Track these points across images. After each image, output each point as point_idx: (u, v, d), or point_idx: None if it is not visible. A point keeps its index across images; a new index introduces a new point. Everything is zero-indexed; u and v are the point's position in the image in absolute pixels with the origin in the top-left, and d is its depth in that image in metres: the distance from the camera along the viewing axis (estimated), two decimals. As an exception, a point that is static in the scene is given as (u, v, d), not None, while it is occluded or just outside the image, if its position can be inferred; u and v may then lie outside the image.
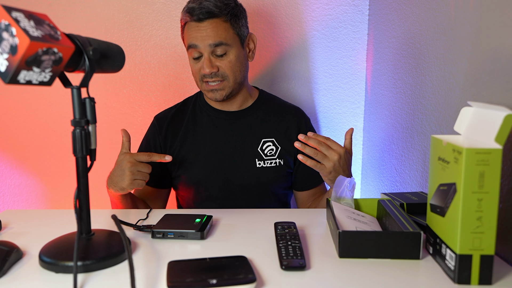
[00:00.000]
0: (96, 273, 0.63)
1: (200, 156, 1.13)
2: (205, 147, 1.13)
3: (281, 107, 1.21)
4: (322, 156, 0.92)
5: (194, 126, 1.16)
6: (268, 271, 0.64)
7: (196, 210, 1.01)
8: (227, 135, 1.14)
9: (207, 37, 1.03)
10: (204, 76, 1.06)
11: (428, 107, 1.05)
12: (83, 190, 0.68)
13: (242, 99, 1.16)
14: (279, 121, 1.17)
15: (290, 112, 1.20)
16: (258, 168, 1.12)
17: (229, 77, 1.07)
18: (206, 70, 1.04)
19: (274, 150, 1.14)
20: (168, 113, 1.19)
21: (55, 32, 0.59)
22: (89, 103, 0.66)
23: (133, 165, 0.92)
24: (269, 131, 1.15)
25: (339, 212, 0.78)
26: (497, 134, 0.57)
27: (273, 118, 1.17)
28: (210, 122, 1.16)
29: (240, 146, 1.14)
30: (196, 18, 1.03)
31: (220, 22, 1.04)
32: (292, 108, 1.22)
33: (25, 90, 1.50)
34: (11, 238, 0.76)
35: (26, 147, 1.54)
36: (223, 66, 1.06)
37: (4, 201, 1.55)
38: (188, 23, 1.05)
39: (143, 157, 0.94)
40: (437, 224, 0.65)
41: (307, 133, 1.14)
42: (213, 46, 1.04)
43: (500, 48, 0.74)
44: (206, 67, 1.04)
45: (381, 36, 1.38)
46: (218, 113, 1.16)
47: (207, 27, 1.03)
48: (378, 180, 1.44)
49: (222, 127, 1.15)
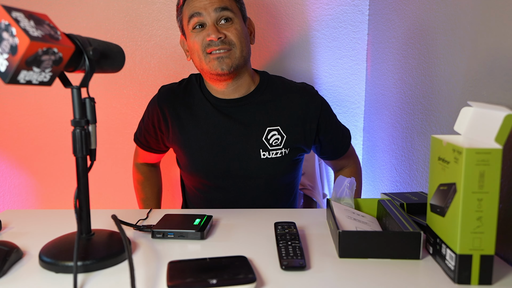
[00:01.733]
0: (96, 273, 0.63)
1: (202, 145, 1.08)
2: (208, 136, 1.08)
3: (287, 89, 1.11)
4: None
5: (195, 113, 1.10)
6: (268, 271, 0.64)
7: (196, 210, 1.01)
8: (230, 124, 1.07)
9: (211, 4, 0.98)
10: (209, 45, 0.99)
11: (428, 107, 1.05)
12: (83, 190, 0.68)
13: (245, 84, 1.08)
14: (284, 106, 1.08)
15: (296, 94, 1.10)
16: (262, 159, 1.06)
17: (236, 45, 1.00)
18: (212, 36, 0.97)
19: (280, 139, 1.07)
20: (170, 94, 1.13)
21: (55, 32, 0.59)
22: (89, 103, 0.66)
23: None
24: (275, 118, 1.07)
25: (339, 212, 0.78)
26: (497, 134, 0.57)
27: (278, 103, 1.08)
28: (212, 109, 1.09)
29: (243, 136, 1.07)
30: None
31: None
32: (298, 88, 1.12)
33: (25, 90, 1.50)
34: (11, 238, 0.76)
35: (26, 147, 1.54)
36: (230, 34, 1.00)
37: (4, 201, 1.55)
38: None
39: None
40: (437, 224, 0.65)
41: (319, 123, 1.09)
42: (219, 10, 0.99)
43: (500, 48, 0.74)
44: (212, 32, 0.97)
45: (381, 36, 1.38)
46: (219, 101, 1.09)
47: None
48: (378, 180, 1.44)
49: (224, 115, 1.08)
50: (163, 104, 1.11)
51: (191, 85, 1.13)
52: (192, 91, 1.12)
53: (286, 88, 1.11)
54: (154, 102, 1.14)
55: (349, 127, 1.58)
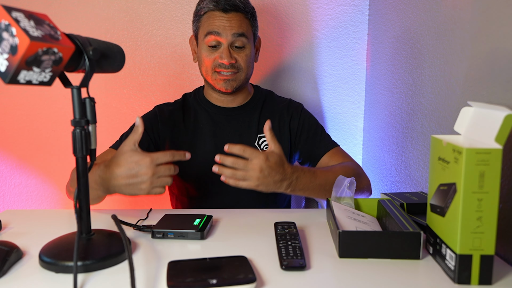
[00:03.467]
0: (96, 273, 0.63)
1: (198, 151, 1.13)
2: (204, 143, 1.14)
3: (274, 101, 1.22)
4: (243, 175, 0.82)
5: (193, 121, 1.16)
6: (268, 271, 0.64)
7: (196, 210, 1.01)
8: (225, 131, 1.15)
9: (230, 27, 1.05)
10: (220, 66, 1.08)
11: (428, 107, 1.05)
12: (83, 190, 0.68)
13: (243, 96, 1.19)
14: (273, 115, 1.18)
15: (281, 106, 1.20)
16: None
17: (243, 70, 1.10)
18: (225, 60, 1.06)
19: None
20: (168, 105, 1.19)
21: (55, 32, 0.59)
22: (89, 103, 0.66)
23: (155, 173, 0.77)
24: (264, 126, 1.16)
25: (339, 212, 0.78)
26: (497, 134, 0.57)
27: (268, 112, 1.19)
28: (208, 118, 1.16)
29: (237, 142, 1.12)
30: (222, 8, 1.05)
31: (243, 17, 1.08)
32: (283, 102, 1.22)
33: (25, 90, 1.50)
34: (11, 238, 0.76)
35: (26, 147, 1.54)
36: (240, 59, 1.08)
37: (4, 201, 1.55)
38: (211, 12, 1.07)
39: (166, 157, 0.78)
40: (437, 224, 0.65)
41: (299, 123, 1.16)
42: (236, 36, 1.06)
43: (500, 48, 0.74)
44: (225, 57, 1.06)
45: (381, 36, 1.38)
46: (216, 109, 1.17)
47: (232, 18, 1.06)
48: (378, 180, 1.44)
49: (220, 123, 1.16)
50: (162, 111, 1.16)
51: (186, 102, 1.21)
52: (188, 105, 1.19)
53: (276, 100, 1.22)
54: (153, 110, 1.18)
55: (349, 127, 1.59)
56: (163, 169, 0.78)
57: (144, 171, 0.77)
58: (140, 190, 0.79)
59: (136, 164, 0.77)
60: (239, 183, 0.83)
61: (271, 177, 0.83)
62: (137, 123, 0.81)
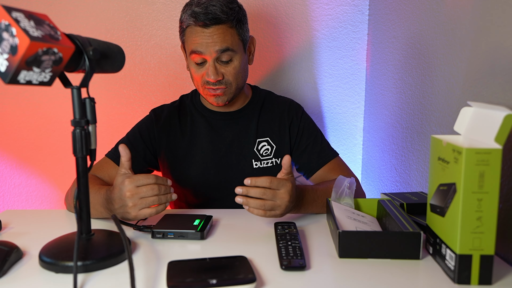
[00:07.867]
0: (96, 273, 0.63)
1: (196, 157, 1.12)
2: (201, 148, 1.12)
3: (273, 103, 1.18)
4: (272, 205, 0.79)
5: (189, 126, 1.14)
6: (268, 271, 0.64)
7: (196, 210, 1.01)
8: (223, 136, 1.13)
9: (213, 44, 0.98)
10: (208, 83, 1.03)
11: (428, 107, 1.05)
12: (83, 190, 0.68)
13: (240, 101, 1.15)
14: (272, 118, 1.15)
15: (281, 107, 1.17)
16: (255, 169, 1.12)
17: (232, 84, 1.04)
18: (211, 77, 1.00)
19: (270, 150, 1.13)
20: (165, 109, 1.17)
21: (55, 32, 0.59)
22: (89, 103, 0.66)
23: (134, 194, 0.76)
24: (264, 130, 1.14)
25: (339, 212, 0.78)
26: (497, 134, 0.57)
27: (267, 116, 1.15)
28: (206, 123, 1.14)
29: (236, 147, 1.13)
30: (202, 24, 0.97)
31: (227, 28, 0.99)
32: (283, 102, 1.18)
33: (25, 90, 1.50)
34: (11, 238, 0.76)
35: (26, 147, 1.54)
36: (228, 74, 1.03)
37: (4, 201, 1.55)
38: (192, 27, 1.00)
39: (148, 180, 0.77)
40: (437, 224, 0.65)
41: (299, 130, 1.13)
42: (220, 52, 0.99)
43: (500, 48, 0.74)
44: (211, 74, 1.00)
45: (381, 36, 1.38)
46: (214, 114, 1.15)
47: (213, 33, 0.98)
48: (378, 180, 1.44)
49: (218, 128, 1.14)
50: (158, 115, 1.15)
51: (183, 105, 1.18)
52: (185, 109, 1.17)
53: (276, 102, 1.18)
54: (149, 115, 1.16)
55: (349, 127, 1.59)
56: (145, 190, 0.76)
57: (123, 193, 0.76)
58: (128, 214, 0.77)
59: (119, 185, 0.78)
60: (267, 214, 0.80)
61: (292, 203, 0.82)
62: (121, 154, 0.80)
